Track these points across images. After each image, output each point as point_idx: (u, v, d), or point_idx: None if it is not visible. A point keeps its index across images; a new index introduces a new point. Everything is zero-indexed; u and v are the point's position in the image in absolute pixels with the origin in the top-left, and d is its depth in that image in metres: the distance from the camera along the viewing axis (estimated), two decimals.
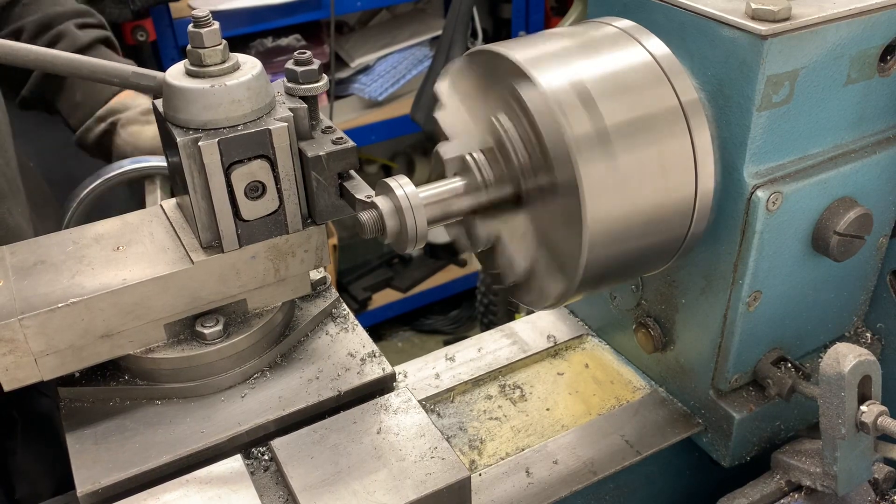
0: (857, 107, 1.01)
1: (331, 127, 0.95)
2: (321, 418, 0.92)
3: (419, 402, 1.02)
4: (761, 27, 0.88)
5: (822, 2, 0.94)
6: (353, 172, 0.93)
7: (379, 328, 4.13)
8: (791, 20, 0.89)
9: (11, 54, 0.87)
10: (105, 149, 1.40)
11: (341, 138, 0.92)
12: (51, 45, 1.45)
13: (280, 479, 0.87)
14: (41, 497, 1.39)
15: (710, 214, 0.96)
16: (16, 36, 1.49)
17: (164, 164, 1.36)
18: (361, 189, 0.92)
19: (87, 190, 1.39)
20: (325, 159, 0.90)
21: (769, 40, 0.89)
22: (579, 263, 0.88)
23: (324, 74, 0.94)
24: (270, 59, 3.23)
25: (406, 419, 0.90)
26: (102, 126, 1.39)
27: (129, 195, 1.44)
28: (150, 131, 1.37)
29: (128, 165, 1.40)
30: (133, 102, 1.40)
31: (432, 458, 0.86)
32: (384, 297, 4.05)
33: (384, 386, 0.97)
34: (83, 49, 1.48)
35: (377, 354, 0.99)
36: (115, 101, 1.41)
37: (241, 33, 3.11)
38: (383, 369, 0.97)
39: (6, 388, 0.85)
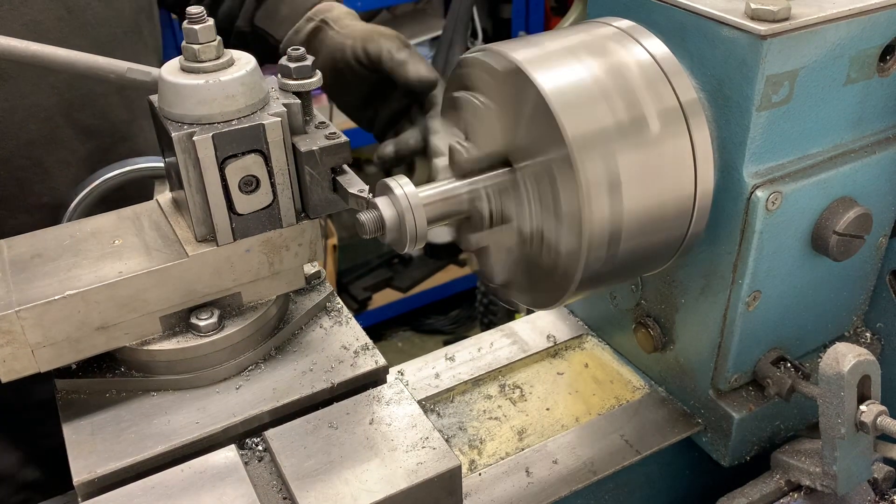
0: (857, 107, 1.01)
1: (324, 122, 0.96)
2: (315, 409, 0.92)
3: (419, 402, 1.02)
4: (761, 27, 0.88)
5: (821, 2, 0.94)
6: (346, 167, 0.94)
7: (379, 328, 4.13)
8: (790, 20, 0.89)
9: (8, 51, 0.89)
10: (313, 47, 1.48)
11: (334, 133, 0.93)
12: None
13: (274, 469, 0.87)
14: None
15: (709, 214, 0.96)
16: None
17: (161, 164, 1.37)
18: (354, 183, 0.92)
19: (87, 190, 1.39)
20: (318, 154, 0.91)
21: (768, 40, 0.89)
22: (579, 264, 0.88)
23: (317, 70, 0.95)
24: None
25: (398, 410, 0.91)
26: (312, 24, 1.47)
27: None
28: (361, 26, 1.43)
29: (128, 166, 1.40)
30: (336, 6, 1.50)
31: (423, 447, 0.86)
32: (384, 297, 4.05)
33: (377, 378, 0.98)
34: None
35: (370, 347, 0.99)
36: (321, 6, 1.51)
37: None
38: (376, 361, 0.97)
39: (4, 380, 0.86)
